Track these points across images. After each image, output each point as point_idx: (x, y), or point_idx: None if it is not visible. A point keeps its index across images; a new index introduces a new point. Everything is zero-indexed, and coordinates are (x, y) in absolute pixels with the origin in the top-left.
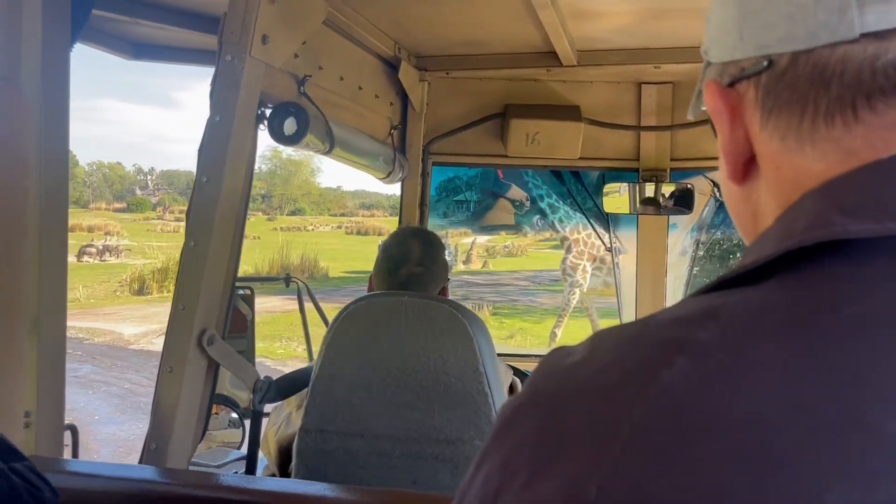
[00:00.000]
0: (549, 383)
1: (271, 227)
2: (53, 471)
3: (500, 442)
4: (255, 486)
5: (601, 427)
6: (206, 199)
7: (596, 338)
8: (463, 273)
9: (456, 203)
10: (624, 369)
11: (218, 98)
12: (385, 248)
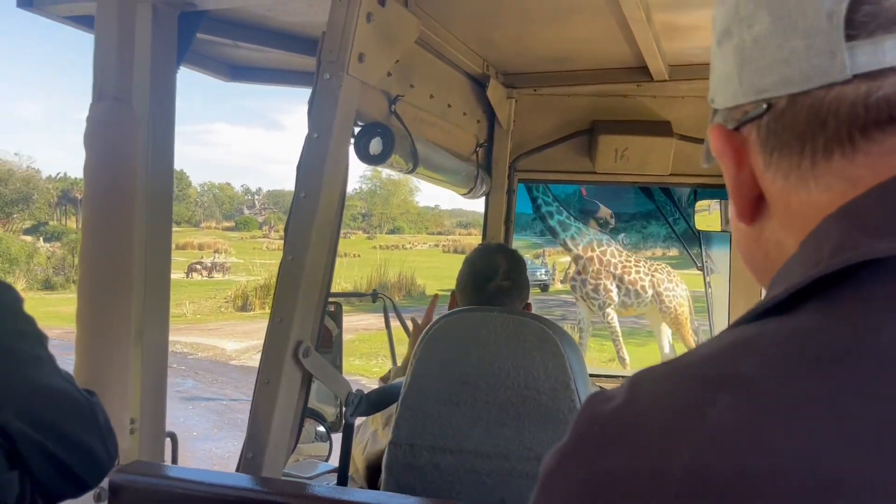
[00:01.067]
0: (592, 430)
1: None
2: (155, 476)
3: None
4: (347, 497)
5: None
6: (303, 214)
7: (635, 380)
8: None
9: None
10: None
11: (316, 116)
12: (470, 264)
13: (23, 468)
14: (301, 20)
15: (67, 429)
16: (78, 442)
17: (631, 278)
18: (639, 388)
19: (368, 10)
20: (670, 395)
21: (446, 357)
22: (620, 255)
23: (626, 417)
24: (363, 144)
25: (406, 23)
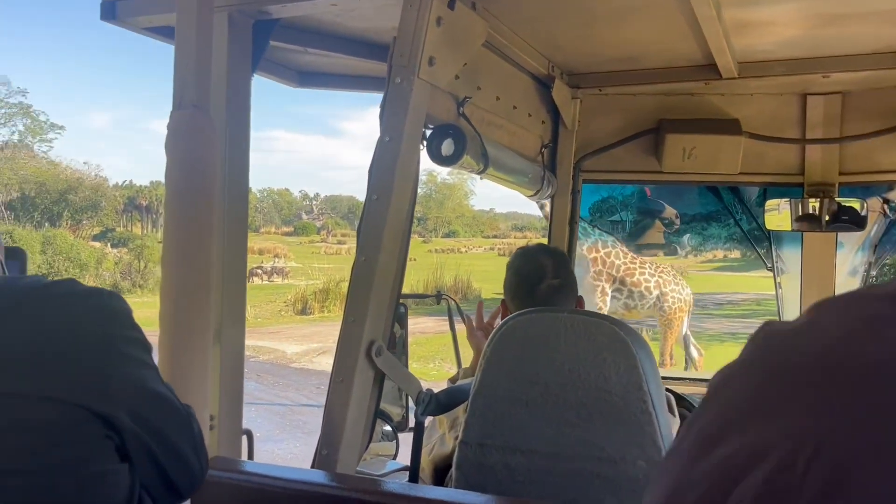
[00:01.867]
0: (768, 343)
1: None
2: (233, 470)
3: (713, 401)
4: (420, 493)
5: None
6: (375, 216)
7: (814, 306)
8: None
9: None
10: (854, 319)
11: (387, 119)
12: (516, 268)
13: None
14: (369, 25)
15: (169, 435)
16: (176, 449)
17: (635, 279)
18: (818, 312)
19: (438, 14)
20: (858, 306)
21: (515, 358)
22: (625, 257)
23: (801, 336)
24: (435, 146)
25: (474, 26)
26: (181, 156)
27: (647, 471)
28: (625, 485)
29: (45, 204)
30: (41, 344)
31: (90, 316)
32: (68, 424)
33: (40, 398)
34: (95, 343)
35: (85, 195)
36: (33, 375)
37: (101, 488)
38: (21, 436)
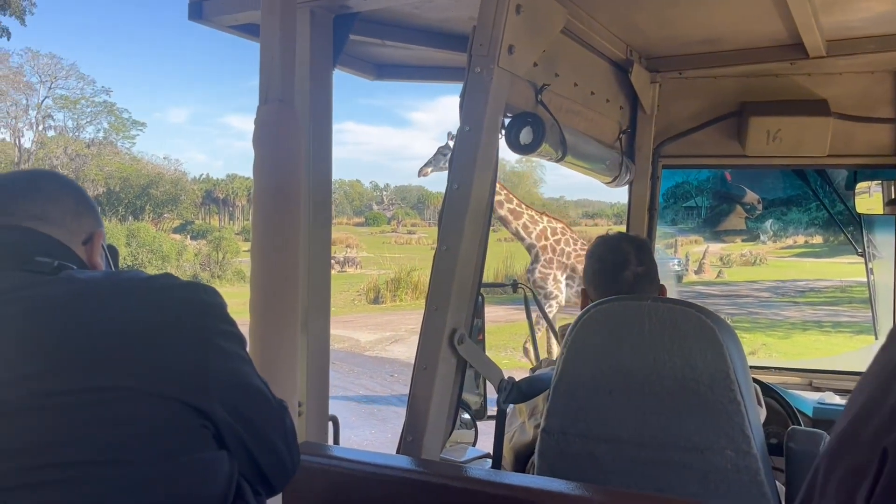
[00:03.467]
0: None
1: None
2: (321, 455)
3: None
4: (505, 480)
5: None
6: (456, 205)
7: None
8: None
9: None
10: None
11: (467, 109)
12: (597, 257)
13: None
14: (447, 15)
15: (262, 427)
16: (269, 441)
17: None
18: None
19: (518, 2)
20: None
21: (598, 346)
22: (576, 244)
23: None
24: (514, 134)
25: (553, 12)
26: (268, 149)
27: (735, 461)
28: (712, 475)
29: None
30: (141, 338)
31: (188, 311)
32: (167, 416)
33: (140, 392)
34: (193, 338)
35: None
36: (133, 370)
37: (203, 474)
38: (123, 428)
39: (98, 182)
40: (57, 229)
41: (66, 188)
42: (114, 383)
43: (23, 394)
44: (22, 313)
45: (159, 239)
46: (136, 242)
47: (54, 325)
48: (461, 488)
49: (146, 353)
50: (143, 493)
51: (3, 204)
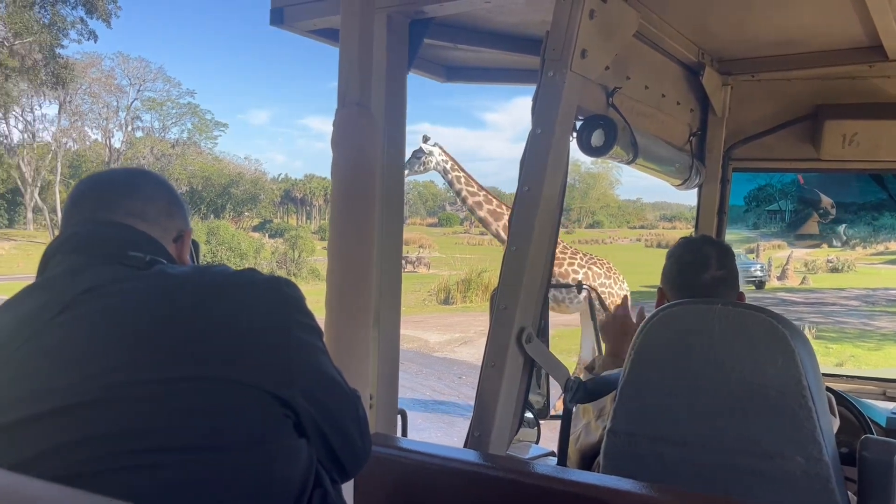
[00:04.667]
0: None
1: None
2: (391, 446)
3: None
4: (572, 477)
5: None
6: (526, 207)
7: None
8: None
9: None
10: None
11: (539, 112)
12: (677, 257)
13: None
14: (520, 20)
15: (338, 415)
16: (345, 430)
17: (562, 270)
18: None
19: (591, 6)
20: None
21: (667, 348)
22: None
23: None
24: (585, 137)
25: (626, 16)
26: (346, 151)
27: (805, 468)
28: (781, 481)
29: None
30: (228, 330)
31: (271, 304)
32: (252, 405)
33: (227, 381)
34: (276, 330)
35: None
36: (220, 360)
37: (285, 461)
38: (211, 417)
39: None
40: (152, 227)
41: (161, 188)
42: (203, 373)
43: (119, 381)
44: (117, 305)
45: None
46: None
47: (147, 316)
48: (528, 484)
49: (233, 344)
50: (233, 478)
51: (105, 201)
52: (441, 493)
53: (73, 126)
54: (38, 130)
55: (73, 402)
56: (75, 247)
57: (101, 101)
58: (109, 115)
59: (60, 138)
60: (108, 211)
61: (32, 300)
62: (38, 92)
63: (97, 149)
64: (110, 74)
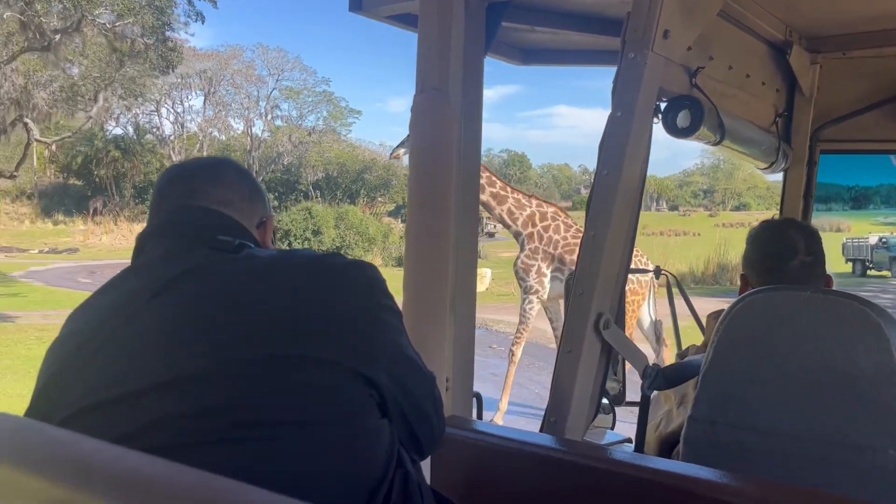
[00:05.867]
0: None
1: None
2: (466, 429)
3: None
4: (650, 464)
5: None
6: (605, 191)
7: None
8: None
9: None
10: None
11: (620, 94)
12: (763, 242)
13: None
14: (598, 0)
15: (417, 395)
16: (422, 408)
17: (574, 258)
18: None
19: None
20: None
21: (752, 336)
22: (567, 231)
23: None
24: (671, 118)
25: None
26: (424, 136)
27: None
28: (871, 474)
29: (346, 183)
30: (316, 311)
31: (357, 286)
32: (340, 383)
33: (316, 360)
34: (361, 311)
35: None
36: (313, 340)
37: (369, 440)
38: (301, 393)
39: (318, 167)
40: (236, 213)
41: (243, 176)
42: (295, 351)
43: (215, 358)
44: (211, 286)
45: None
46: (345, 225)
47: (240, 296)
48: (605, 469)
49: (323, 323)
50: (323, 453)
51: (193, 189)
52: (516, 477)
53: (218, 116)
54: (186, 122)
55: (172, 379)
56: (168, 232)
57: (243, 92)
58: (250, 105)
59: (206, 128)
60: (196, 198)
61: (128, 284)
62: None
63: (240, 138)
64: (251, 65)
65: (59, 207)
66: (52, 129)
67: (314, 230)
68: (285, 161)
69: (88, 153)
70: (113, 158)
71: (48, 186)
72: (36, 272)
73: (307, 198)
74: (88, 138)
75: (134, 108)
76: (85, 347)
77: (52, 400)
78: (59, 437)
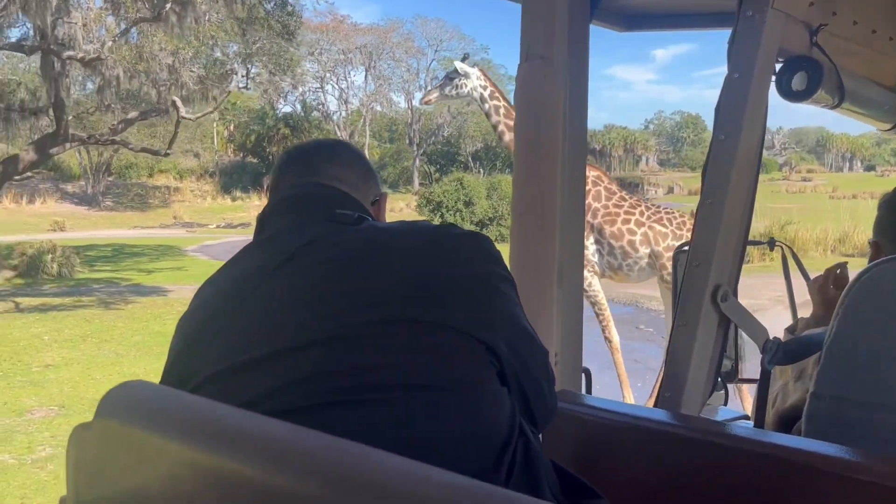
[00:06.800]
0: None
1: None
2: (576, 403)
3: None
4: (772, 440)
5: None
6: (722, 157)
7: None
8: None
9: None
10: None
11: (737, 55)
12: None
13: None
14: None
15: (533, 367)
16: (537, 381)
17: (614, 229)
18: None
19: None
20: None
21: (882, 308)
22: (610, 198)
23: None
24: (786, 80)
25: None
26: (528, 106)
27: None
28: None
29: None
30: (437, 279)
31: (474, 255)
32: (462, 349)
33: (440, 325)
34: (480, 280)
35: None
36: (435, 306)
37: (492, 406)
38: (426, 356)
39: (476, 138)
40: (352, 190)
41: (357, 156)
42: (419, 316)
43: (343, 323)
44: (337, 255)
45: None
46: (497, 195)
47: (360, 266)
48: (725, 446)
49: (443, 291)
50: (446, 416)
51: (312, 166)
52: (629, 452)
53: (379, 90)
54: (349, 97)
55: (300, 344)
56: (290, 208)
57: (403, 65)
58: (410, 78)
59: (368, 103)
60: (314, 175)
61: (252, 258)
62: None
63: (402, 113)
64: (409, 37)
65: (237, 184)
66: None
67: (466, 201)
68: (445, 132)
69: (261, 131)
70: (283, 136)
71: (228, 165)
72: (207, 246)
73: (466, 168)
74: (261, 117)
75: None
76: (213, 318)
77: (184, 368)
78: (192, 403)
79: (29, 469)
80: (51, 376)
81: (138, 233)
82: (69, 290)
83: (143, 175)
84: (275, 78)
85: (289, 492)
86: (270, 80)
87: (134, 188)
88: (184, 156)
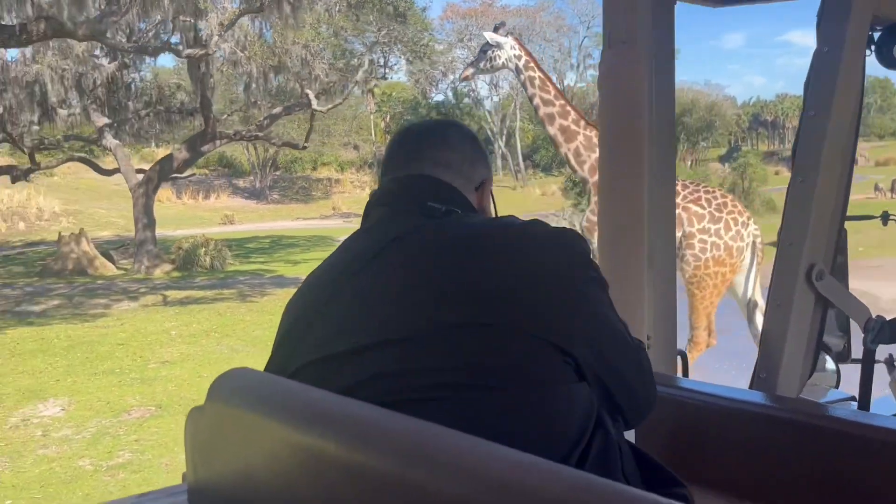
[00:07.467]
0: None
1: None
2: (669, 385)
3: None
4: (876, 422)
5: None
6: (813, 133)
7: None
8: None
9: None
10: None
11: (826, 27)
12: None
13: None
14: None
15: (619, 367)
16: (625, 381)
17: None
18: None
19: None
20: None
21: None
22: None
23: None
24: (887, 49)
25: None
26: (612, 92)
27: None
28: None
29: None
30: (515, 281)
31: (557, 258)
32: (533, 352)
33: (511, 329)
34: (559, 283)
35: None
36: (507, 309)
37: (564, 402)
38: (496, 359)
39: None
40: (455, 176)
41: (466, 137)
42: (490, 319)
43: (417, 322)
44: (417, 253)
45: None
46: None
47: (442, 264)
48: (823, 427)
49: (519, 294)
50: (511, 415)
51: (414, 153)
52: (726, 435)
53: None
54: (499, 82)
55: (383, 340)
56: (387, 200)
57: (555, 44)
58: (561, 58)
59: (518, 87)
60: (416, 162)
61: (358, 244)
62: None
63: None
64: (560, 16)
65: None
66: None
67: None
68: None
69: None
70: None
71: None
72: None
73: None
74: (413, 107)
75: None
76: (316, 304)
77: (286, 353)
78: (292, 389)
79: (101, 477)
80: (163, 373)
81: (299, 224)
82: (216, 282)
83: (307, 168)
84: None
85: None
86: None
87: (299, 181)
88: (344, 148)
